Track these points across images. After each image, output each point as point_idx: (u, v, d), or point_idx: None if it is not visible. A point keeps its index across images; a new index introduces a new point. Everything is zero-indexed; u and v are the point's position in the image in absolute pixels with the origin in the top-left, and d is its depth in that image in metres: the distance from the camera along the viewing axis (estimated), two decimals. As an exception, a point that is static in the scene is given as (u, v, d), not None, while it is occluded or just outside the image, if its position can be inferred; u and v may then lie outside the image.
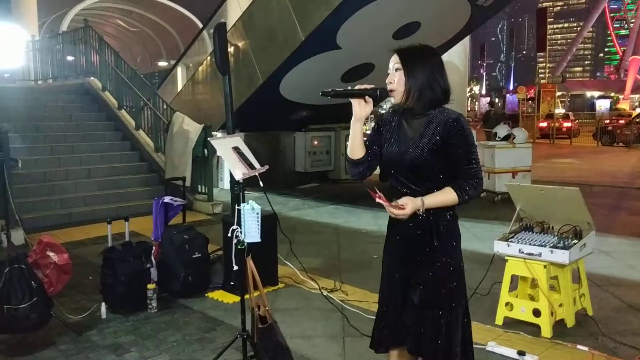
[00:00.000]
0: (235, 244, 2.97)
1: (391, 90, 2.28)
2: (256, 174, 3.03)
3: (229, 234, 2.98)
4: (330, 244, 6.67)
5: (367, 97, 2.25)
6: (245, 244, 2.99)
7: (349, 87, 2.26)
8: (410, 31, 9.17)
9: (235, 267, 3.00)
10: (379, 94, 2.26)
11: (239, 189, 3.10)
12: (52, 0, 25.08)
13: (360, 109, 2.26)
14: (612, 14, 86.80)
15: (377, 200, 2.15)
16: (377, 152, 2.36)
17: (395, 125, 2.34)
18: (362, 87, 2.26)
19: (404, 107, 2.30)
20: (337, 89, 2.26)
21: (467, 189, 2.21)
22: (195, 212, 8.51)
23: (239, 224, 2.99)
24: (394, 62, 2.29)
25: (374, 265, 5.29)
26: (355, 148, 2.30)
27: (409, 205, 2.17)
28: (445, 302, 2.30)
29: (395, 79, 2.27)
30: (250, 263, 3.03)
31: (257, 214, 2.97)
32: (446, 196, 2.21)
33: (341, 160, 12.29)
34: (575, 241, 3.91)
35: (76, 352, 3.67)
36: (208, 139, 6.56)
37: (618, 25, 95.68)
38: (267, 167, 3.10)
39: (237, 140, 3.14)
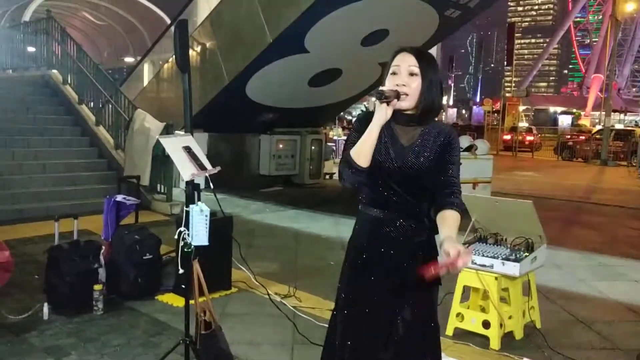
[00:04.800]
0: (181, 246, 2.88)
1: (405, 94, 2.09)
2: (206, 175, 2.95)
3: (176, 236, 2.88)
4: (288, 248, 6.60)
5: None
6: (193, 247, 2.90)
7: (381, 88, 2.05)
8: (378, 38, 9.21)
9: (181, 271, 2.91)
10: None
11: (189, 189, 3.01)
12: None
13: (387, 112, 2.07)
14: (576, 27, 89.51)
15: (441, 273, 1.98)
16: None
17: (385, 131, 2.14)
18: (394, 88, 2.06)
19: (408, 115, 2.15)
20: (384, 89, 2.05)
21: (459, 201, 2.15)
22: (153, 212, 8.33)
23: (186, 225, 2.90)
24: (410, 64, 2.10)
25: (330, 272, 5.24)
26: (367, 155, 2.07)
27: (459, 251, 1.93)
28: (435, 313, 2.24)
29: (412, 84, 2.10)
30: (197, 267, 2.94)
31: (206, 216, 2.88)
32: (456, 221, 2.11)
33: (306, 164, 12.24)
34: (527, 254, 3.94)
35: (10, 354, 3.50)
36: (157, 137, 6.32)
37: (580, 35, 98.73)
38: (218, 168, 3.01)
39: (189, 139, 3.04)
